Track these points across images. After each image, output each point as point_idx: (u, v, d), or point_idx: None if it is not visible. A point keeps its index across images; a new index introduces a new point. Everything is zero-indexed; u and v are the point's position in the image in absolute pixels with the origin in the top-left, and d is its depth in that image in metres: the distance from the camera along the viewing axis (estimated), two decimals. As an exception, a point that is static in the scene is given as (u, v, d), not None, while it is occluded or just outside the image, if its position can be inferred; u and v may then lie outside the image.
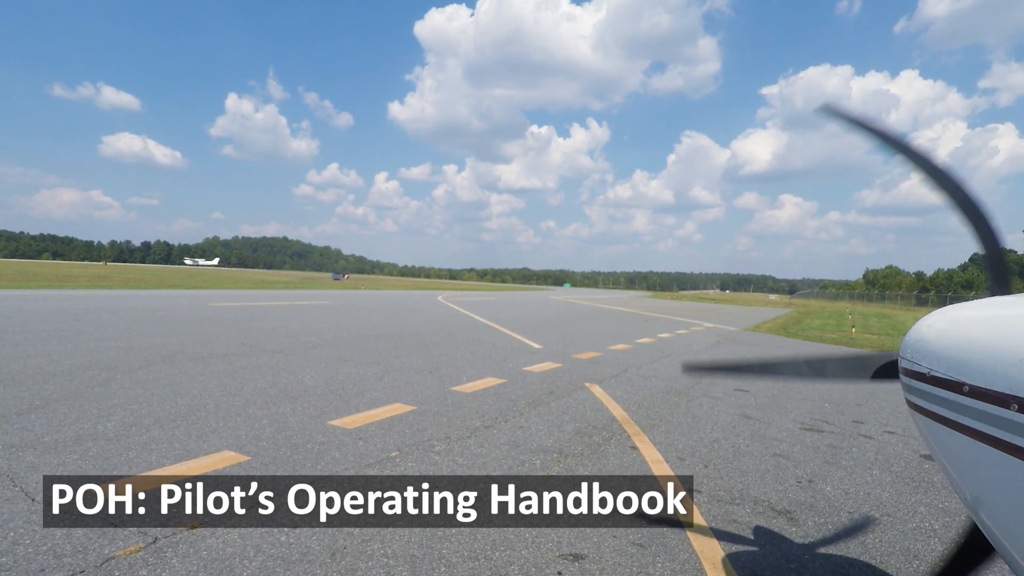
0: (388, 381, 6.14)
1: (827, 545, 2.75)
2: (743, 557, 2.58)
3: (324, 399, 5.13)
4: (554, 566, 2.40)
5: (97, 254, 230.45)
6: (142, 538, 2.40)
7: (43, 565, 2.15)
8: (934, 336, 1.36)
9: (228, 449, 3.60)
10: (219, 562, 2.26)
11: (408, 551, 2.44)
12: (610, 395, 6.08)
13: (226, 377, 5.87)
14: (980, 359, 1.16)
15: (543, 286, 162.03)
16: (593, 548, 2.57)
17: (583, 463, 3.76)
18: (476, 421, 4.70)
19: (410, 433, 4.23)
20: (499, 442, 4.14)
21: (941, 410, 1.27)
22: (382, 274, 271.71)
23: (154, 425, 4.03)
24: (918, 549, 2.76)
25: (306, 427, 4.21)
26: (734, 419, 5.29)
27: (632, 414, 5.26)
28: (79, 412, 4.26)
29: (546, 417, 4.97)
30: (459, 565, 2.36)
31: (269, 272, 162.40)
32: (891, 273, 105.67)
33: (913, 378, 1.40)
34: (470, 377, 6.65)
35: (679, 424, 4.99)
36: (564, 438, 4.34)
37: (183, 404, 4.67)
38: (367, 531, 2.60)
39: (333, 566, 2.28)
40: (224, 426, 4.10)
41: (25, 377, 5.36)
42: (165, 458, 3.38)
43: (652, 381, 7.13)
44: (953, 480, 1.33)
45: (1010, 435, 1.05)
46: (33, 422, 3.95)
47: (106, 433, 3.79)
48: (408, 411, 4.88)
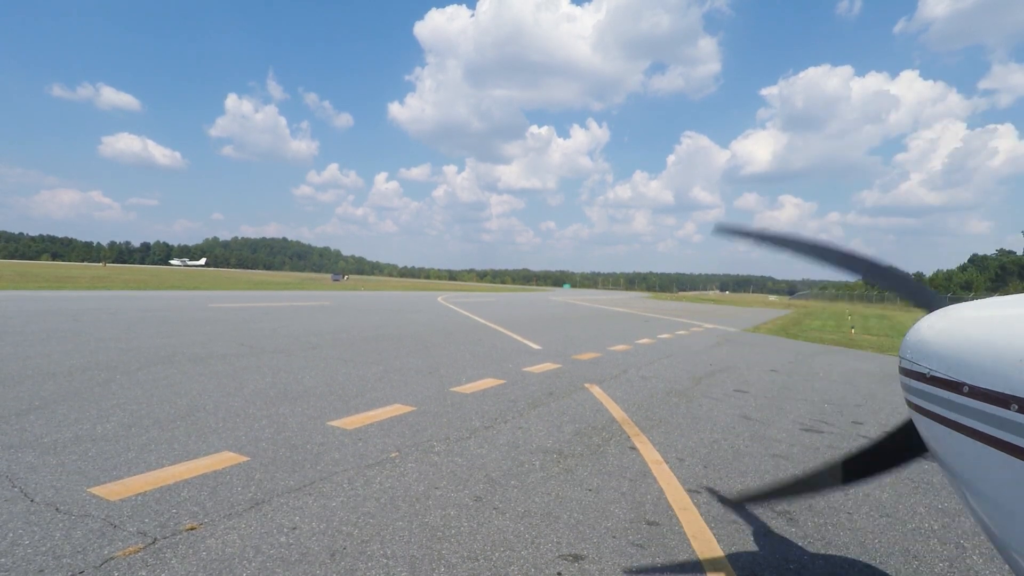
0: (388, 382, 6.13)
1: (827, 545, 2.75)
2: (743, 557, 2.58)
3: (324, 400, 5.12)
4: (554, 566, 2.39)
5: (97, 255, 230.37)
6: (142, 538, 2.39)
7: (43, 565, 2.15)
8: (934, 336, 1.36)
9: (227, 450, 3.59)
10: (219, 562, 2.25)
11: (408, 551, 2.44)
12: (610, 396, 6.08)
13: (225, 378, 5.86)
14: (980, 359, 1.16)
15: (543, 287, 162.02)
16: (593, 548, 2.57)
17: (583, 464, 3.76)
18: (476, 422, 4.69)
19: (410, 434, 4.22)
20: (499, 443, 4.13)
21: (941, 410, 1.27)
22: (382, 275, 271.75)
23: (153, 426, 4.03)
24: (918, 550, 2.76)
25: (306, 428, 4.20)
26: (734, 420, 5.29)
27: (632, 415, 5.26)
28: (78, 413, 4.25)
29: (546, 418, 4.97)
30: (459, 565, 2.36)
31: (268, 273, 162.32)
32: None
33: (913, 378, 1.40)
34: (470, 378, 6.65)
35: (679, 425, 4.99)
36: (564, 439, 4.34)
37: (182, 405, 4.66)
38: (367, 531, 2.60)
39: (333, 566, 2.28)
40: (223, 427, 4.10)
41: (24, 377, 5.35)
42: (164, 459, 3.37)
43: (652, 382, 7.12)
44: (953, 480, 1.33)
45: (1010, 435, 1.05)
46: (32, 422, 3.95)
47: (105, 434, 3.78)
48: (408, 412, 4.88)
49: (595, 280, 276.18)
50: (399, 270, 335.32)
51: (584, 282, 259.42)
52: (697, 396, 6.32)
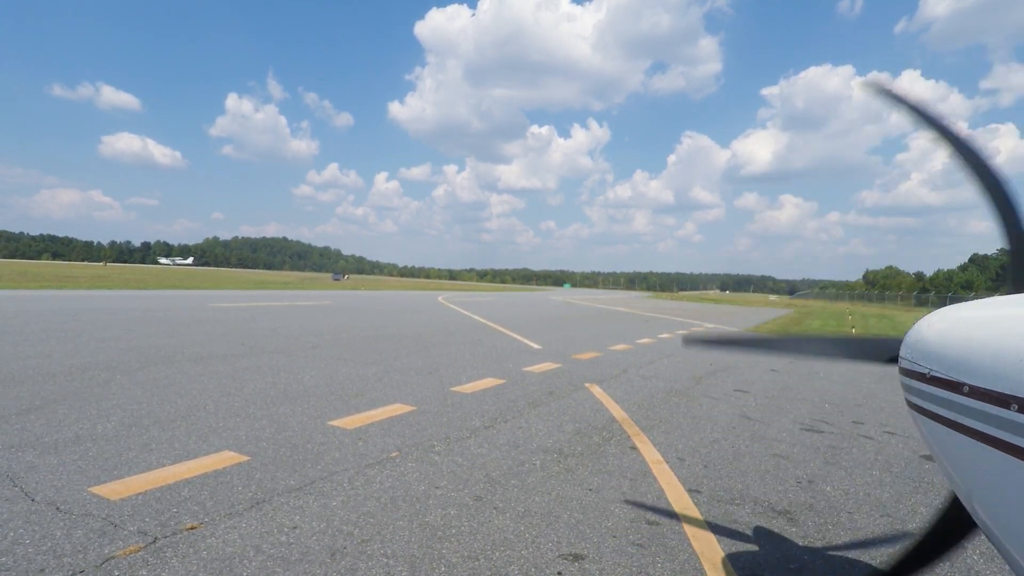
0: (388, 382, 6.13)
1: (827, 545, 2.75)
2: (743, 557, 2.58)
3: (324, 399, 5.13)
4: (554, 566, 2.39)
5: (97, 254, 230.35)
6: (142, 538, 2.40)
7: (43, 565, 2.15)
8: (934, 336, 1.36)
9: (228, 449, 3.59)
10: (219, 562, 2.25)
11: (408, 551, 2.44)
12: (610, 395, 6.08)
13: (226, 378, 5.86)
14: (980, 359, 1.16)
15: (543, 286, 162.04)
16: (593, 548, 2.57)
17: (583, 463, 3.76)
18: (476, 421, 4.69)
19: (410, 433, 4.23)
20: (499, 442, 4.13)
21: (941, 410, 1.27)
22: (382, 275, 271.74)
23: (154, 425, 4.03)
24: (918, 549, 2.76)
25: (306, 427, 4.20)
26: (734, 420, 5.29)
27: (632, 414, 5.26)
28: (79, 412, 4.25)
29: (546, 417, 4.97)
30: (459, 565, 2.36)
31: (269, 272, 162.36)
32: (891, 274, 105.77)
33: (913, 378, 1.40)
34: (470, 378, 6.65)
35: (679, 425, 4.99)
36: (564, 438, 4.34)
37: (183, 404, 4.67)
38: (367, 531, 2.60)
39: (333, 566, 2.28)
40: (224, 426, 4.10)
41: (25, 377, 5.35)
42: (165, 458, 3.38)
43: (652, 382, 7.12)
44: (953, 480, 1.33)
45: (1010, 435, 1.05)
46: (33, 422, 3.95)
47: (106, 433, 3.79)
48: (408, 411, 4.88)
49: (595, 280, 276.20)
50: (399, 270, 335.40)
51: (584, 282, 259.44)
52: (697, 396, 6.32)
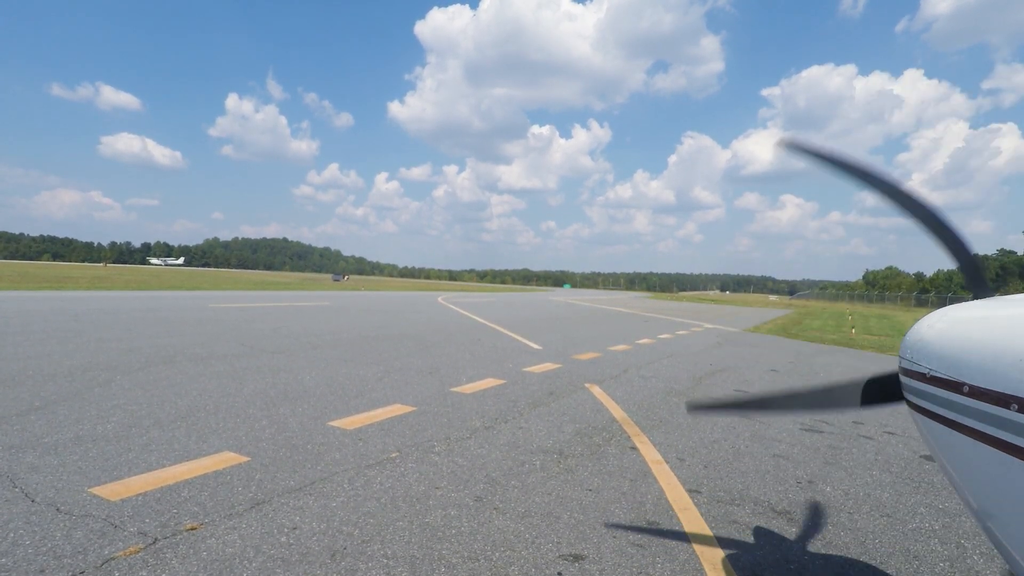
0: (388, 382, 6.13)
1: (827, 545, 2.75)
2: (743, 557, 2.58)
3: (324, 400, 5.13)
4: (554, 566, 2.39)
5: (97, 255, 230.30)
6: (142, 539, 2.40)
7: (43, 565, 2.15)
8: (934, 336, 1.36)
9: (228, 450, 3.59)
10: (219, 562, 2.25)
11: (408, 551, 2.44)
12: (610, 396, 6.08)
13: (226, 378, 5.86)
14: (980, 359, 1.16)
15: (543, 287, 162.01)
16: (593, 548, 2.57)
17: (583, 464, 3.76)
18: (476, 422, 4.69)
19: (410, 434, 4.23)
20: (499, 443, 4.13)
21: (941, 410, 1.27)
22: (382, 275, 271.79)
23: (154, 426, 4.03)
24: (918, 550, 2.76)
25: (306, 428, 4.20)
26: (734, 420, 5.28)
27: (632, 415, 5.26)
28: (79, 413, 4.25)
29: (546, 418, 4.97)
30: (459, 565, 2.36)
31: (269, 273, 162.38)
32: (891, 274, 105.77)
33: (913, 378, 1.40)
34: (470, 378, 6.65)
35: (679, 425, 4.99)
36: (564, 439, 4.33)
37: (183, 405, 4.67)
38: (367, 531, 2.60)
39: (333, 566, 2.28)
40: (224, 427, 4.10)
41: (25, 378, 5.35)
42: (165, 459, 3.38)
43: (652, 382, 7.12)
44: (953, 480, 1.33)
45: (1010, 435, 1.05)
46: (33, 423, 3.95)
47: (106, 434, 3.78)
48: (408, 412, 4.88)
49: (595, 280, 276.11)
50: (399, 270, 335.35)
51: (584, 282, 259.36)
52: (697, 396, 6.32)
